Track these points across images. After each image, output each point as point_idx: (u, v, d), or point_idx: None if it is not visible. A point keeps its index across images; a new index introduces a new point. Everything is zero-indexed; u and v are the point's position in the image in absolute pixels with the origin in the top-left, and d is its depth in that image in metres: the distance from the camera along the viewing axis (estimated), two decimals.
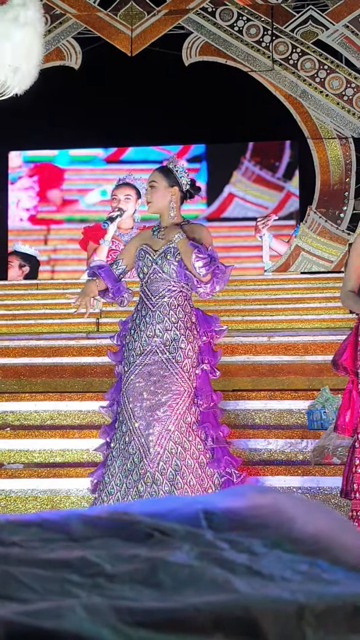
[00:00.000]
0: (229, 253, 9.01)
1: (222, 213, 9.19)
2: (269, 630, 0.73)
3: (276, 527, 0.92)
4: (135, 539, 0.87)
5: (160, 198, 3.74)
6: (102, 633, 0.67)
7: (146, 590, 0.76)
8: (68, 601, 0.72)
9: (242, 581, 0.78)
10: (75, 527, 0.88)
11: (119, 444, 3.60)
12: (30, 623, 0.68)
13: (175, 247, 3.66)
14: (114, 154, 9.48)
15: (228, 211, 9.14)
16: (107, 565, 0.79)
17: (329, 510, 1.02)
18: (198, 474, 3.52)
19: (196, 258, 3.53)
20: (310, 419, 4.88)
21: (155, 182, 3.75)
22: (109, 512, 0.93)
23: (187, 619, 0.72)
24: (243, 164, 9.13)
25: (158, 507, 0.96)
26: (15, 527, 0.88)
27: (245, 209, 9.05)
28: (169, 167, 3.78)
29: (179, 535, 0.88)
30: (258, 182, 9.13)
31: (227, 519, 0.93)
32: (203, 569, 0.80)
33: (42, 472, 4.68)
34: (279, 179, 9.10)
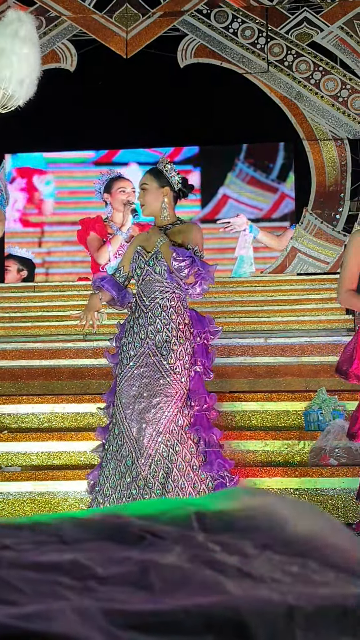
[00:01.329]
0: (223, 255, 9.02)
1: (217, 214, 9.19)
2: (258, 631, 0.73)
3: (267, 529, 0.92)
4: (127, 541, 0.87)
5: (153, 200, 3.74)
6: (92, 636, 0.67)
7: (137, 593, 0.76)
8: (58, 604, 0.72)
9: (233, 583, 0.78)
10: (67, 530, 0.89)
11: (113, 446, 3.59)
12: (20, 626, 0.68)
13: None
14: (105, 155, 9.48)
15: (222, 212, 9.14)
16: (98, 568, 0.80)
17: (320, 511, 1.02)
18: (190, 477, 3.52)
19: (174, 261, 3.54)
20: (307, 420, 4.88)
21: (146, 184, 3.75)
22: (101, 515, 0.94)
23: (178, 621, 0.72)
24: (237, 165, 9.13)
25: (150, 509, 0.96)
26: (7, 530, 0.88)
27: (240, 211, 9.05)
28: (159, 168, 3.79)
29: (171, 538, 0.88)
30: (252, 184, 9.13)
31: (219, 521, 0.93)
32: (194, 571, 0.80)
33: (39, 474, 4.67)
34: (273, 181, 9.10)
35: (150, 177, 3.76)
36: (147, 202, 3.74)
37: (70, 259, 9.36)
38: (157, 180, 3.74)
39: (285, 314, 6.99)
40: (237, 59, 8.56)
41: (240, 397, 5.29)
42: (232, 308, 7.15)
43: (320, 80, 8.47)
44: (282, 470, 4.58)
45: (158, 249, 3.62)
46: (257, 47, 8.56)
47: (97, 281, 3.85)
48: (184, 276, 3.53)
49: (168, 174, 3.76)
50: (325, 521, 0.95)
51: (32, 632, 0.67)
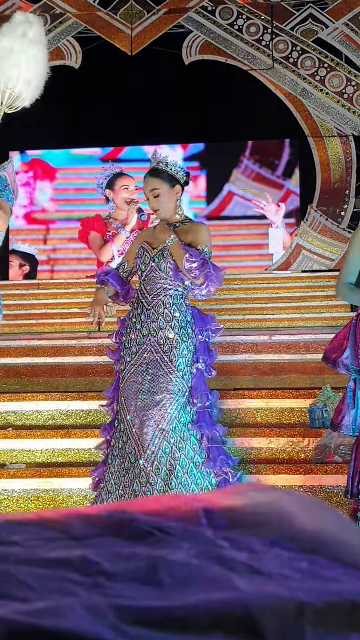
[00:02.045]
0: (228, 252, 9.00)
1: (222, 211, 9.17)
2: (268, 628, 0.73)
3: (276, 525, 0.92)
4: (134, 537, 0.87)
5: (168, 202, 3.69)
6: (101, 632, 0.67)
7: (146, 589, 0.76)
8: (67, 600, 0.72)
9: (242, 579, 0.78)
10: (75, 526, 0.88)
11: (119, 443, 3.59)
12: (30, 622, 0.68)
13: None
14: (111, 152, 9.47)
15: (228, 209, 9.12)
16: (106, 564, 0.79)
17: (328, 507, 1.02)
18: (193, 474, 3.51)
19: (187, 262, 3.52)
20: (311, 417, 4.88)
21: (157, 189, 3.67)
22: (108, 511, 0.93)
23: (187, 617, 0.72)
24: (242, 162, 9.10)
25: (157, 505, 0.96)
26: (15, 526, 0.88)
27: (245, 207, 9.03)
28: (162, 168, 3.71)
29: (179, 534, 0.88)
30: (257, 180, 9.10)
31: (226, 517, 0.93)
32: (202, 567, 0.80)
33: (44, 471, 4.67)
34: (279, 177, 9.08)
35: (160, 180, 3.69)
36: (163, 206, 3.67)
37: (75, 256, 9.36)
38: (167, 181, 3.69)
39: (289, 311, 6.98)
40: (242, 55, 8.55)
41: (245, 394, 5.28)
42: (237, 305, 7.14)
43: (325, 77, 8.45)
44: (287, 467, 4.58)
45: (166, 246, 3.59)
46: (262, 43, 8.54)
47: (102, 275, 3.83)
48: (194, 277, 3.52)
49: (173, 170, 3.72)
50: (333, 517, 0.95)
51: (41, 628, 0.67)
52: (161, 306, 3.63)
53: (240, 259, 9.09)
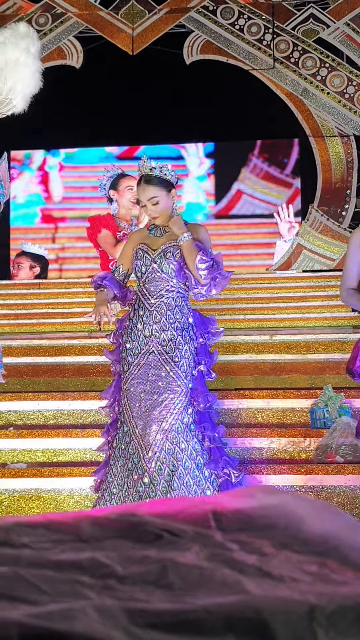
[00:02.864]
0: (237, 250, 8.99)
1: (231, 210, 9.15)
2: (279, 631, 0.73)
3: (285, 528, 0.92)
4: (144, 540, 0.87)
5: (165, 207, 3.69)
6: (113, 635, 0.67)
7: (157, 592, 0.76)
8: (79, 603, 0.72)
9: (253, 582, 0.78)
10: (84, 528, 0.88)
11: (121, 444, 3.59)
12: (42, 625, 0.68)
13: (175, 247, 3.63)
14: (127, 150, 9.47)
15: (236, 208, 9.10)
16: (117, 567, 0.79)
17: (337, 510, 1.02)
18: (195, 475, 3.51)
19: (201, 260, 3.51)
20: (313, 417, 4.87)
21: (156, 197, 3.66)
22: (117, 513, 0.93)
23: (198, 621, 0.72)
24: (251, 160, 9.08)
25: (166, 508, 0.96)
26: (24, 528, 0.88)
27: (254, 206, 9.00)
28: (157, 174, 3.70)
29: (188, 536, 0.88)
30: (266, 179, 9.07)
31: (236, 520, 0.93)
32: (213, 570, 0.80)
33: (45, 471, 4.67)
34: (288, 176, 9.05)
35: (157, 188, 3.68)
36: (162, 212, 3.67)
37: (84, 255, 9.36)
38: (163, 187, 3.68)
39: (290, 311, 6.98)
40: (243, 55, 8.55)
41: (246, 394, 5.28)
42: (238, 305, 7.14)
43: (326, 77, 8.45)
44: (288, 467, 4.57)
45: (181, 242, 3.57)
46: (263, 43, 8.54)
47: (98, 280, 3.82)
48: (203, 276, 3.52)
49: (167, 175, 3.71)
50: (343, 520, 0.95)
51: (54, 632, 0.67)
52: (164, 308, 3.63)
53: (248, 258, 9.08)
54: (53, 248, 9.40)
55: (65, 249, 9.55)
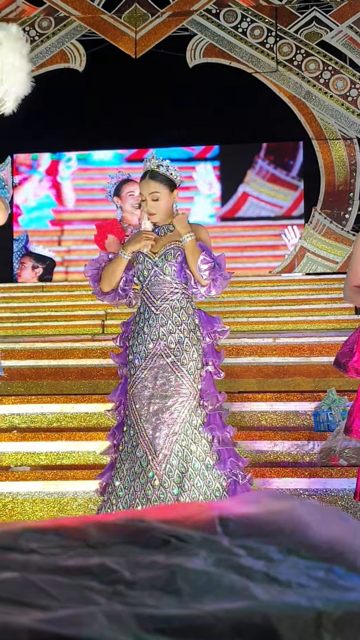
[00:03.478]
0: (242, 253, 8.99)
1: (237, 212, 9.15)
2: (287, 636, 0.73)
3: (291, 534, 0.92)
4: (152, 545, 0.87)
5: (166, 205, 3.66)
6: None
7: (165, 597, 0.76)
8: (89, 608, 0.72)
9: (260, 588, 0.79)
10: (92, 534, 0.89)
11: (127, 447, 3.58)
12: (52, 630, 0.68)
13: (176, 248, 3.61)
14: (137, 152, 9.48)
15: (242, 210, 9.09)
16: (126, 572, 0.80)
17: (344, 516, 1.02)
18: (205, 476, 3.51)
19: (203, 261, 3.51)
20: (316, 420, 4.88)
21: (157, 193, 3.64)
22: (125, 519, 0.94)
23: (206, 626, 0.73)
24: (257, 163, 9.05)
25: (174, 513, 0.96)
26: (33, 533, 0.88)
27: (260, 208, 8.98)
28: (162, 172, 3.68)
29: (196, 542, 0.88)
30: (272, 181, 9.04)
31: (242, 525, 0.93)
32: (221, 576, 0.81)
33: (49, 474, 4.68)
34: (294, 178, 9.02)
35: (161, 185, 3.66)
36: (161, 210, 3.64)
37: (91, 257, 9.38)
38: (167, 185, 3.67)
39: (293, 313, 6.99)
40: (246, 58, 8.56)
41: (249, 397, 5.28)
42: (241, 308, 7.14)
43: (329, 80, 8.46)
44: (291, 470, 4.58)
45: (184, 243, 3.56)
46: (266, 46, 8.56)
47: (104, 257, 3.75)
48: (204, 277, 3.51)
49: (172, 175, 3.70)
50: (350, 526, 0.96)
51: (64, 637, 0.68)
52: (170, 310, 3.62)
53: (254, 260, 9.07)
54: (59, 250, 9.41)
55: (71, 252, 9.56)
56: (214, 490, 3.50)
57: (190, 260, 3.56)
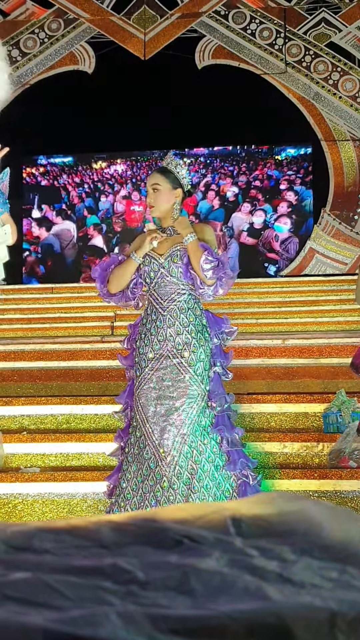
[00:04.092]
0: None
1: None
2: (301, 637, 0.73)
3: (304, 534, 0.92)
4: (165, 546, 0.87)
5: (165, 201, 3.66)
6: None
7: (179, 598, 0.76)
8: (102, 609, 0.72)
9: (274, 588, 0.79)
10: (105, 534, 0.89)
11: (134, 449, 3.58)
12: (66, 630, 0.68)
13: (181, 249, 3.60)
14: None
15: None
16: (139, 573, 0.80)
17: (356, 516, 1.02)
18: (214, 477, 3.50)
19: (205, 261, 3.49)
20: (326, 422, 4.86)
21: (158, 184, 3.65)
22: (137, 519, 0.94)
23: (221, 627, 0.73)
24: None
25: (186, 513, 0.96)
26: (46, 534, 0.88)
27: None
28: (170, 168, 3.69)
29: (208, 542, 0.88)
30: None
31: (255, 526, 0.93)
32: (234, 576, 0.81)
33: (58, 475, 4.68)
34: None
35: (163, 178, 3.67)
36: (159, 203, 3.65)
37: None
38: (170, 181, 3.66)
39: (302, 315, 6.98)
40: (255, 59, 8.56)
41: (259, 398, 5.28)
42: (250, 309, 7.14)
43: (338, 81, 8.45)
44: (301, 472, 4.57)
45: (186, 244, 3.55)
46: (275, 47, 8.55)
47: (117, 257, 3.76)
48: (208, 277, 3.50)
49: (180, 175, 3.69)
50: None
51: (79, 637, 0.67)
52: (177, 311, 3.61)
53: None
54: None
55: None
56: (224, 491, 3.50)
57: (192, 261, 3.54)
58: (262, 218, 9.21)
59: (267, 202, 9.17)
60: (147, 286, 3.68)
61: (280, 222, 9.03)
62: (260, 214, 9.23)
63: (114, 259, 3.75)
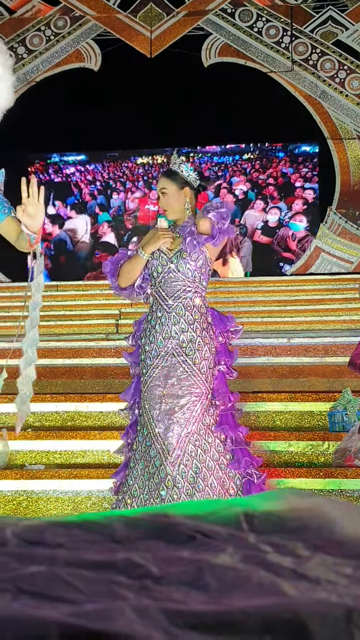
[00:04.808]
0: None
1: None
2: (317, 633, 0.72)
3: (318, 530, 0.91)
4: (177, 541, 0.87)
5: (175, 202, 3.69)
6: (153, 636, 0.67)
7: (193, 593, 0.76)
8: (117, 603, 0.72)
9: (289, 584, 0.78)
10: (117, 529, 0.88)
11: (141, 447, 3.57)
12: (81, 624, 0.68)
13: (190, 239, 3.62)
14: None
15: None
16: (152, 567, 0.79)
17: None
18: (219, 476, 3.50)
19: (209, 206, 3.53)
20: (331, 421, 4.85)
21: (165, 188, 3.69)
22: (149, 514, 0.93)
23: (237, 622, 0.72)
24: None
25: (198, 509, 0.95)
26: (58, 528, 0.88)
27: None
28: (174, 169, 3.72)
29: (221, 538, 0.87)
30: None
31: (268, 522, 0.93)
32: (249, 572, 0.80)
33: (63, 473, 4.68)
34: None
35: (168, 181, 3.71)
36: (170, 205, 3.69)
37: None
38: (175, 182, 3.69)
39: (308, 313, 6.97)
40: (262, 58, 8.55)
41: (264, 397, 5.27)
42: (255, 308, 7.13)
43: (345, 79, 8.43)
44: (306, 471, 4.56)
45: (196, 219, 3.57)
46: (281, 45, 8.54)
47: (125, 252, 3.79)
48: (204, 216, 3.51)
49: (184, 173, 3.71)
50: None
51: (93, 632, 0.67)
52: (182, 309, 3.61)
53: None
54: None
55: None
56: (228, 489, 3.49)
57: (199, 224, 3.58)
58: (277, 216, 9.12)
59: (281, 200, 9.08)
60: (153, 281, 3.69)
61: (296, 220, 8.93)
62: (275, 211, 9.14)
63: (123, 254, 3.77)
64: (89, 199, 9.69)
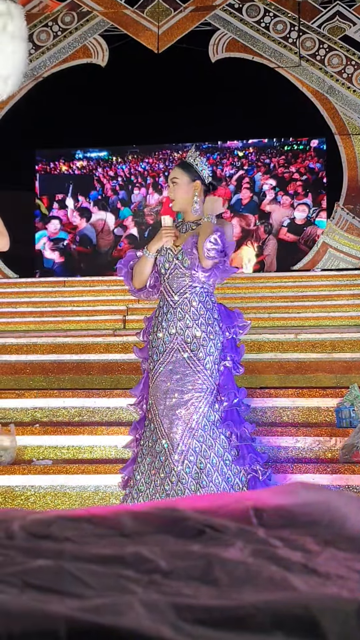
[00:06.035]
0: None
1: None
2: (329, 628, 0.72)
3: (328, 525, 0.90)
4: (186, 535, 0.86)
5: (184, 194, 3.68)
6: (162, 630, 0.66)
7: (203, 587, 0.75)
8: (125, 597, 0.71)
9: (299, 579, 0.77)
10: (125, 523, 0.87)
11: (149, 442, 3.57)
12: (90, 619, 0.67)
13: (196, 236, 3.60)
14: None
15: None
16: (161, 562, 0.78)
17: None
18: (223, 472, 3.49)
19: (213, 240, 3.48)
20: (339, 416, 4.84)
21: (176, 178, 3.69)
22: (158, 508, 0.92)
23: (247, 617, 0.71)
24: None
25: (207, 503, 0.94)
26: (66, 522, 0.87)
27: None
28: (189, 161, 3.72)
29: (231, 532, 0.87)
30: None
31: (277, 516, 0.92)
32: (259, 567, 0.79)
33: (70, 468, 4.68)
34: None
35: (181, 171, 3.70)
36: (178, 196, 3.68)
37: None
38: (188, 173, 3.69)
39: (315, 309, 6.95)
40: (269, 53, 8.52)
41: (271, 393, 5.25)
42: (262, 304, 7.11)
43: (352, 74, 8.40)
44: (314, 466, 4.55)
45: (202, 223, 3.55)
46: (289, 41, 8.51)
47: (134, 254, 3.78)
48: (205, 254, 3.48)
49: (198, 167, 3.71)
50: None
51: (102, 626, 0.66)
52: (188, 304, 3.60)
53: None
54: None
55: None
56: (233, 485, 3.48)
57: (201, 237, 3.54)
58: (305, 213, 8.98)
59: (305, 197, 8.98)
60: (162, 277, 3.69)
61: (322, 217, 8.82)
62: (302, 208, 9.01)
63: (132, 256, 3.78)
64: (111, 194, 9.68)
